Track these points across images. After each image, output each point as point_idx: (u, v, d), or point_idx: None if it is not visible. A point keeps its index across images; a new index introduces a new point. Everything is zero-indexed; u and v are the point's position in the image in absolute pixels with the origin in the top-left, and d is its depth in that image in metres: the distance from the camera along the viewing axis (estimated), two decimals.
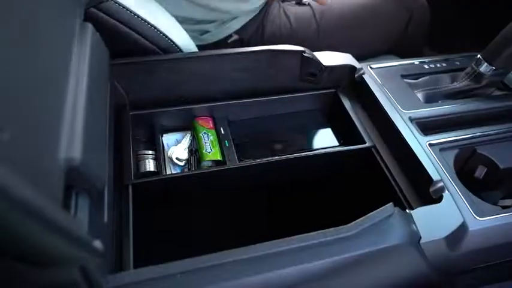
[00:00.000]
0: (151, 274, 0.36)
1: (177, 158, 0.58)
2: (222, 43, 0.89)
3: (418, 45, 1.11)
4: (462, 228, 0.45)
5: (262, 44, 0.95)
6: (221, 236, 0.60)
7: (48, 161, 0.28)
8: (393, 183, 0.54)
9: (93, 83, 0.39)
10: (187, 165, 0.59)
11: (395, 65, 0.70)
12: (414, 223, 0.44)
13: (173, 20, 0.67)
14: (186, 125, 0.63)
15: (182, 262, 0.38)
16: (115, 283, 0.35)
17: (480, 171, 0.56)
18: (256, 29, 0.95)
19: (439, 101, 0.65)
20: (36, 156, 0.27)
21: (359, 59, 0.68)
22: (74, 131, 0.32)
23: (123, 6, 0.56)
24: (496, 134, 0.57)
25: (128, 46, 0.59)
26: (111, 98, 0.52)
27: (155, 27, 0.60)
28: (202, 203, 0.62)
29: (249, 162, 0.55)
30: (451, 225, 0.45)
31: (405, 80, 0.67)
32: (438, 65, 0.70)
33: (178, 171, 0.58)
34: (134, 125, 0.60)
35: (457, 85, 0.66)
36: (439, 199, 0.48)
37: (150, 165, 0.56)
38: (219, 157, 0.56)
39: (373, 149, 0.58)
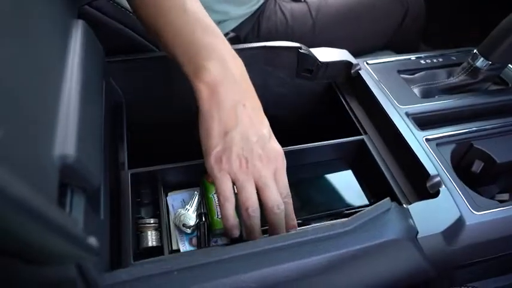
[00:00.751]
0: (148, 271, 0.36)
1: (183, 225, 0.50)
2: None
3: (414, 40, 1.11)
4: (459, 222, 0.45)
5: (259, 40, 0.95)
6: None
7: (42, 158, 0.28)
8: (390, 178, 0.54)
9: (88, 80, 0.39)
10: (196, 233, 0.51)
11: (392, 61, 0.70)
12: (411, 218, 0.44)
13: None
14: (194, 180, 0.55)
15: (179, 259, 0.37)
16: (111, 280, 0.35)
17: (477, 166, 0.56)
18: (252, 26, 0.95)
19: (436, 96, 0.65)
20: (30, 154, 0.27)
21: (355, 54, 0.68)
22: (68, 128, 0.32)
23: (118, 4, 0.56)
24: (493, 128, 0.57)
25: (123, 43, 0.59)
26: (107, 96, 0.52)
27: None
28: None
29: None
30: (448, 219, 0.45)
31: (402, 75, 0.67)
32: (434, 60, 0.70)
33: (186, 241, 0.50)
34: (134, 185, 0.51)
35: (453, 80, 0.66)
36: (436, 194, 0.48)
37: (152, 239, 0.48)
38: None
39: (368, 143, 0.58)
